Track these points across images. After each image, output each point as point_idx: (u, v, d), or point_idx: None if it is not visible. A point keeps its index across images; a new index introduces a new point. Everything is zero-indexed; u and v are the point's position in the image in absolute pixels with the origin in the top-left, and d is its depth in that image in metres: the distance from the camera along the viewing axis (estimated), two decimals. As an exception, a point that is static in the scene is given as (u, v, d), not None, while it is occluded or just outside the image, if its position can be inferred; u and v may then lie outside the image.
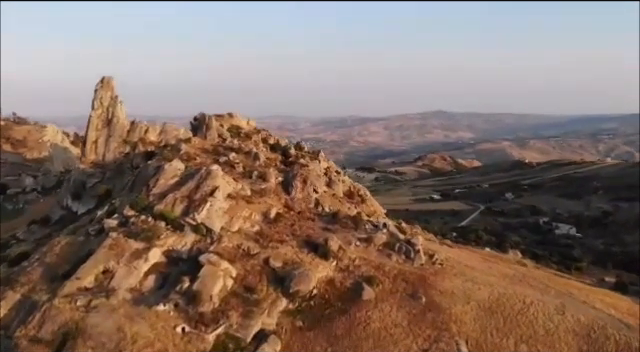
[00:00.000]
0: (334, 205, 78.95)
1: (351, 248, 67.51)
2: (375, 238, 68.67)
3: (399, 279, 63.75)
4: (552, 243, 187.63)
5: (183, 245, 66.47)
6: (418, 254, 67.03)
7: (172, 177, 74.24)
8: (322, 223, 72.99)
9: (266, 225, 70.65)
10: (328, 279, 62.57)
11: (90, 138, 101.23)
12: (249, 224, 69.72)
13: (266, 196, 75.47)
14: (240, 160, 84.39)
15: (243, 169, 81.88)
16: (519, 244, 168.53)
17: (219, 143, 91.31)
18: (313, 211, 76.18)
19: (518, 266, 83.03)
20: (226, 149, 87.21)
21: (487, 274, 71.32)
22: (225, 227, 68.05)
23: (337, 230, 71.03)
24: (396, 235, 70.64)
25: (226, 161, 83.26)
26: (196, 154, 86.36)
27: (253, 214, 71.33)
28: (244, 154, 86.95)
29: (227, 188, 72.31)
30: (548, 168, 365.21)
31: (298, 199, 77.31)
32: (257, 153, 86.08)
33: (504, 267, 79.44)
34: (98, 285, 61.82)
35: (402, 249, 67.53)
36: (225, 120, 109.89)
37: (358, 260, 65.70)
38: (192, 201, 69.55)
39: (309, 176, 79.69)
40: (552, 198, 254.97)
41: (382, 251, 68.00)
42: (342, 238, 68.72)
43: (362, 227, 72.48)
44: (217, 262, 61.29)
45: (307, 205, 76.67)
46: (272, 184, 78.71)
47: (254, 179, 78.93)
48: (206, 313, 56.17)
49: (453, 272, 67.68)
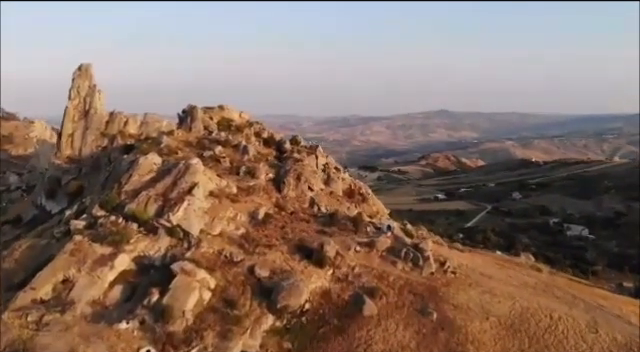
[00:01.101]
0: (332, 204, 69.99)
1: (350, 254, 58.53)
2: (378, 243, 59.68)
3: (406, 291, 54.88)
4: (564, 245, 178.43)
5: (156, 251, 57.81)
6: (428, 261, 58.04)
7: (147, 172, 65.40)
8: (318, 225, 64.07)
9: (253, 227, 61.77)
10: (323, 291, 53.65)
11: (66, 131, 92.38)
12: (233, 226, 60.84)
13: (254, 194, 66.62)
14: (227, 154, 75.55)
15: (230, 164, 73.07)
16: (529, 246, 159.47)
17: (205, 136, 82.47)
18: (308, 211, 67.27)
19: (538, 273, 73.89)
20: (212, 142, 78.34)
21: (506, 284, 62.29)
22: (205, 230, 59.19)
23: (334, 233, 62.10)
24: (402, 239, 61.65)
25: (211, 155, 74.46)
26: (178, 148, 77.53)
27: (238, 215, 62.45)
28: (232, 148, 78.06)
29: (209, 185, 63.42)
30: (555, 167, 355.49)
31: (291, 198, 68.40)
32: (246, 146, 77.15)
33: (524, 275, 70.31)
34: (55, 297, 53.23)
35: (409, 255, 58.53)
36: (215, 113, 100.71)
37: (358, 268, 56.74)
38: (167, 200, 60.68)
39: (303, 172, 70.74)
40: (561, 198, 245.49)
41: (386, 258, 59.01)
42: (340, 242, 59.77)
43: (363, 230, 63.55)
44: (192, 271, 52.41)
45: (301, 204, 67.77)
46: (262, 181, 69.84)
47: (242, 175, 70.09)
48: (176, 333, 47.43)
49: (468, 282, 58.69)
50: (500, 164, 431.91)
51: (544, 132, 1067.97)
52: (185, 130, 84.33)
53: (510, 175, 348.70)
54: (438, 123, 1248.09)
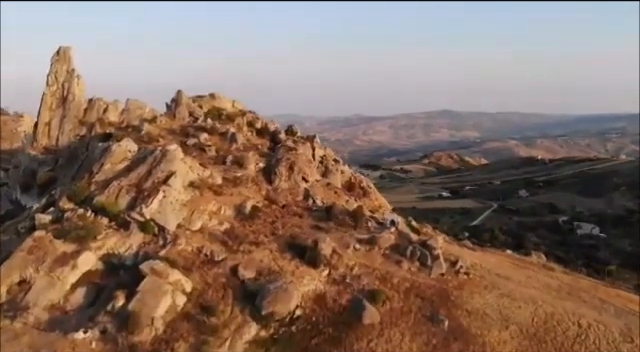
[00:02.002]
0: (328, 197, 62.73)
1: (349, 252, 51.27)
2: (380, 239, 52.41)
3: (412, 295, 47.72)
4: (574, 244, 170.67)
5: (127, 248, 50.82)
6: (437, 261, 50.75)
7: (121, 161, 58.28)
8: (312, 220, 56.84)
9: (239, 222, 54.57)
10: (317, 295, 46.45)
11: (42, 119, 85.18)
12: (216, 221, 53.64)
13: (241, 186, 59.44)
14: (213, 142, 68.40)
15: (216, 153, 65.97)
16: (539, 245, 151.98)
17: (190, 123, 75.29)
18: (301, 204, 60.06)
19: (560, 274, 66.45)
20: (197, 129, 71.12)
21: (526, 286, 54.97)
22: (183, 225, 52.06)
23: (331, 229, 54.85)
24: (407, 235, 54.38)
25: (195, 143, 67.35)
26: (160, 135, 70.42)
27: (222, 208, 55.26)
28: (219, 135, 70.85)
29: (189, 175, 56.23)
30: (561, 165, 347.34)
31: (283, 190, 61.19)
32: (234, 134, 69.94)
33: (544, 276, 62.92)
34: (10, 300, 46.58)
35: (416, 254, 51.24)
36: (205, 101, 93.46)
37: (358, 268, 49.49)
38: (141, 191, 53.53)
39: (297, 161, 63.50)
40: (570, 195, 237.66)
41: (389, 256, 51.73)
42: (337, 239, 52.54)
43: (363, 225, 56.31)
44: (165, 272, 45.26)
45: (294, 197, 60.56)
46: (250, 171, 62.64)
47: (228, 165, 62.98)
48: (143, 344, 40.54)
49: (483, 284, 51.40)
50: (504, 162, 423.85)
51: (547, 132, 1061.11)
52: (169, 117, 77.23)
53: (515, 173, 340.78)
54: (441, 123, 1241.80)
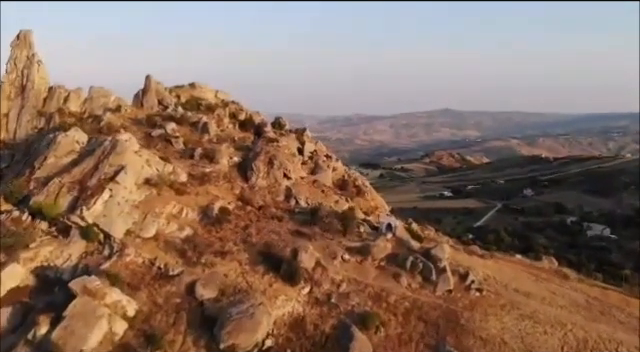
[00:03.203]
0: (314, 197, 53.38)
1: (336, 264, 41.94)
2: (374, 248, 43.06)
3: (414, 317, 38.62)
4: (584, 246, 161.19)
5: (65, 259, 41.87)
6: (444, 274, 41.44)
7: (67, 153, 49.05)
8: (294, 224, 47.54)
9: (204, 228, 45.27)
10: (294, 319, 37.15)
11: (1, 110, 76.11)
12: (175, 226, 44.34)
13: (210, 183, 50.17)
14: (182, 133, 59.14)
15: (184, 146, 56.50)
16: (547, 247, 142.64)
17: (158, 112, 65.91)
18: (282, 205, 50.77)
19: (585, 286, 57.03)
20: (165, 119, 61.78)
21: (550, 304, 45.71)
22: (133, 231, 42.81)
23: (316, 235, 45.54)
24: (407, 243, 45.01)
25: (161, 134, 57.96)
26: (123, 126, 61.11)
27: (184, 210, 45.94)
28: (190, 126, 61.56)
29: (145, 170, 46.92)
30: (567, 163, 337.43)
31: (260, 188, 51.87)
32: (207, 124, 60.63)
33: (567, 288, 53.55)
34: None
35: (417, 266, 41.91)
36: (183, 91, 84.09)
37: (346, 285, 40.13)
38: (85, 189, 44.11)
39: (277, 155, 54.11)
40: (577, 195, 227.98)
41: (385, 269, 42.42)
42: (322, 248, 43.25)
43: (355, 230, 46.95)
44: (101, 291, 35.91)
45: (273, 197, 51.24)
46: (223, 166, 53.37)
47: (196, 159, 53.57)
48: (63, 389, 30.93)
49: (500, 303, 42.09)
50: (508, 160, 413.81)
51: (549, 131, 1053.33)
52: (136, 106, 67.87)
53: (519, 171, 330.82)
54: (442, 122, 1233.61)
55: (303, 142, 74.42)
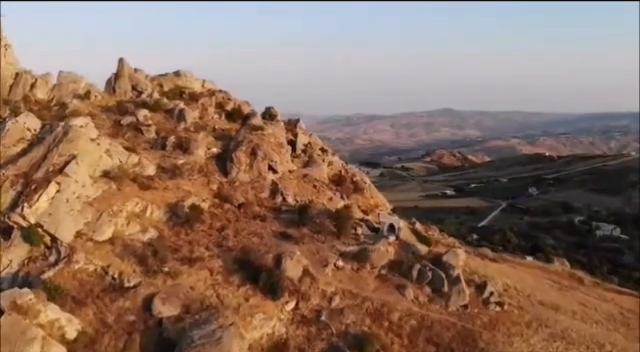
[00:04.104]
0: (305, 193, 46.29)
1: (327, 273, 34.85)
2: (374, 253, 35.96)
3: (422, 339, 31.72)
4: (594, 247, 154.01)
5: (5, 266, 34.88)
6: (457, 286, 34.36)
7: (17, 142, 41.84)
8: (279, 224, 40.43)
9: (171, 229, 38.20)
10: (274, 343, 30.11)
11: (-35, 100, 69.71)
12: (137, 227, 37.24)
13: (182, 177, 43.07)
14: (156, 121, 52.10)
15: (156, 135, 49.40)
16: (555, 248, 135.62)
17: (131, 99, 58.85)
18: (266, 203, 43.68)
19: (615, 295, 49.84)
20: (138, 106, 54.60)
21: (583, 319, 38.74)
22: (85, 233, 35.70)
23: (304, 237, 38.40)
24: (413, 247, 37.89)
25: (131, 123, 50.82)
26: (91, 113, 53.92)
27: (149, 208, 38.85)
28: (165, 113, 54.42)
29: (104, 161, 39.86)
30: (571, 161, 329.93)
31: (241, 183, 44.81)
32: (183, 110, 53.52)
33: (596, 298, 46.41)
34: None
35: (426, 275, 34.80)
36: (167, 79, 76.89)
37: (340, 299, 33.06)
38: (30, 183, 36.99)
39: (262, 145, 46.97)
40: (584, 193, 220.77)
41: (387, 279, 35.34)
42: (312, 253, 36.17)
43: (350, 232, 39.77)
44: (34, 307, 28.74)
45: (257, 193, 44.15)
46: (198, 158, 46.31)
47: (169, 149, 46.48)
48: None
49: (525, 319, 35.09)
50: (510, 159, 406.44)
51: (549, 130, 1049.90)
52: (108, 92, 60.81)
53: (522, 170, 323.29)
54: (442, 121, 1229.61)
55: (296, 134, 67.49)
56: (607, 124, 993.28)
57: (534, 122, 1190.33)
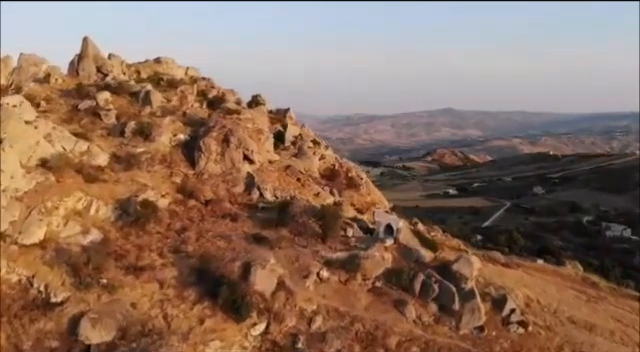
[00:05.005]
0: (286, 188, 39.24)
1: (308, 286, 27.89)
2: (367, 260, 28.99)
3: (427, 373, 24.29)
4: (604, 248, 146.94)
5: None
6: (471, 301, 27.35)
7: (-58, 128, 34.59)
8: (253, 225, 33.48)
9: (120, 230, 31.27)
10: (234, 379, 22.93)
11: None
12: (77, 228, 30.32)
13: (139, 168, 36.14)
14: (118, 105, 45.17)
15: (116, 120, 42.50)
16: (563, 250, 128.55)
17: (95, 82, 51.96)
18: (240, 199, 36.77)
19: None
20: (100, 89, 47.66)
21: (622, 340, 31.76)
22: (10, 234, 28.73)
23: (282, 241, 31.37)
24: (416, 253, 30.92)
25: (90, 107, 43.93)
26: (47, 98, 47.36)
27: (94, 205, 31.91)
28: (129, 97, 47.53)
29: (42, 148, 32.99)
30: (576, 160, 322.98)
31: (211, 175, 37.87)
32: (149, 93, 46.57)
33: (631, 313, 39.34)
34: None
35: (431, 289, 27.84)
36: (146, 66, 70.10)
37: (322, 320, 26.09)
38: (-57, 175, 30.03)
39: (236, 130, 39.93)
40: (591, 192, 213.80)
41: (383, 293, 28.35)
42: (289, 261, 29.21)
43: (339, 234, 32.75)
44: None
45: (229, 187, 37.21)
46: (161, 146, 39.44)
47: (128, 136, 39.50)
48: None
49: (554, 344, 28.39)
50: (513, 158, 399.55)
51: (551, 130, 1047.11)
52: (71, 75, 53.97)
53: (526, 169, 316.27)
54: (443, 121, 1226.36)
55: (285, 125, 60.90)
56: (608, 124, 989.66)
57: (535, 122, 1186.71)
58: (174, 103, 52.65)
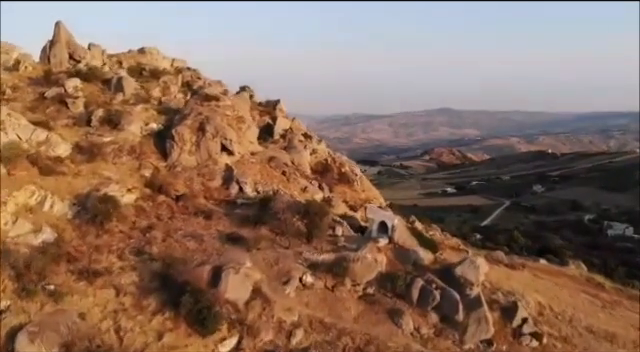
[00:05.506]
0: (269, 181, 35.45)
1: (289, 293, 24.10)
2: (357, 263, 25.24)
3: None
4: (606, 247, 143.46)
5: None
6: (478, 310, 23.53)
7: None
8: (230, 223, 29.68)
9: (78, 229, 27.51)
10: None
11: None
12: (28, 226, 26.73)
13: (104, 159, 32.28)
14: (88, 93, 41.42)
15: (85, 108, 38.67)
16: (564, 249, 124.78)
17: (68, 69, 48.19)
18: (217, 194, 33.00)
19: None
20: (71, 76, 43.89)
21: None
22: (-56, 235, 24.75)
23: (261, 241, 27.58)
24: (413, 255, 27.16)
25: (57, 95, 40.18)
26: (14, 86, 43.64)
27: (49, 200, 28.14)
28: (101, 84, 43.77)
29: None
30: (575, 158, 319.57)
31: (185, 168, 34.08)
32: (121, 79, 42.80)
33: None
34: None
35: (431, 296, 24.09)
36: (128, 56, 66.35)
37: (304, 333, 22.31)
38: None
39: (213, 118, 36.15)
40: (591, 190, 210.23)
41: (376, 301, 24.59)
42: (268, 264, 25.47)
43: (326, 233, 28.98)
44: None
45: (204, 181, 33.49)
46: (131, 135, 35.76)
47: (95, 125, 35.71)
48: None
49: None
50: (512, 157, 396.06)
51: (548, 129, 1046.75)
52: (43, 62, 50.21)
53: (525, 167, 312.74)
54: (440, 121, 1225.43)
55: (275, 117, 57.36)
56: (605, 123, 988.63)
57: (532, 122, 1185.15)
58: (156, 94, 49.12)
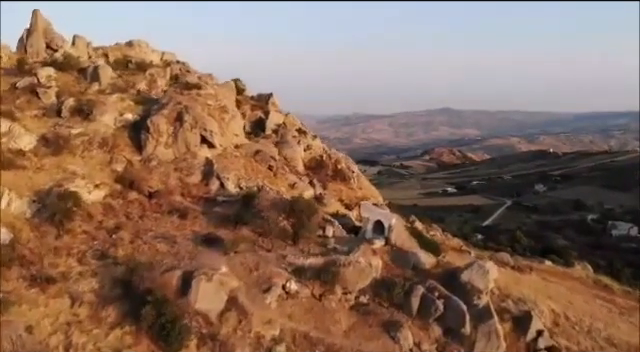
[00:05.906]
0: (253, 177, 32.36)
1: (270, 303, 20.92)
2: (348, 269, 22.08)
3: None
4: (611, 247, 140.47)
5: None
6: (487, 322, 20.35)
7: None
8: (207, 223, 26.60)
9: (37, 229, 24.50)
10: None
11: None
12: (-24, 226, 23.26)
13: (71, 153, 29.22)
14: (62, 83, 38.45)
15: (57, 99, 35.60)
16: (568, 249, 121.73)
17: (45, 59, 45.19)
18: (195, 191, 29.91)
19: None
20: (45, 66, 40.87)
21: (676, 369, 24.68)
22: None
23: (240, 242, 24.43)
24: (412, 258, 24.01)
25: (29, 85, 37.14)
26: (-15, 77, 40.22)
27: (7, 197, 25.16)
28: (77, 73, 40.76)
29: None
30: (577, 158, 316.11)
31: (162, 162, 31.05)
32: (97, 68, 39.75)
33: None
34: None
35: (433, 306, 20.92)
36: (115, 49, 63.33)
37: (286, 350, 19.07)
38: None
39: (193, 108, 33.05)
40: (594, 190, 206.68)
41: (370, 312, 21.40)
42: (247, 269, 22.30)
43: (315, 234, 25.87)
44: None
45: (182, 177, 30.41)
46: (103, 127, 32.71)
47: (65, 116, 32.66)
48: None
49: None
50: (512, 156, 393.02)
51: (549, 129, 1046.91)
52: (20, 52, 47.25)
53: (526, 167, 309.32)
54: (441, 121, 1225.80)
55: (267, 112, 54.50)
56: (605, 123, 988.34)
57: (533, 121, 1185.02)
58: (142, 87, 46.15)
